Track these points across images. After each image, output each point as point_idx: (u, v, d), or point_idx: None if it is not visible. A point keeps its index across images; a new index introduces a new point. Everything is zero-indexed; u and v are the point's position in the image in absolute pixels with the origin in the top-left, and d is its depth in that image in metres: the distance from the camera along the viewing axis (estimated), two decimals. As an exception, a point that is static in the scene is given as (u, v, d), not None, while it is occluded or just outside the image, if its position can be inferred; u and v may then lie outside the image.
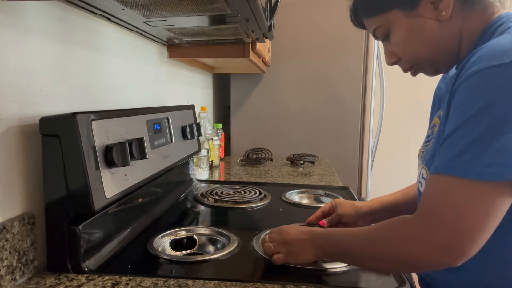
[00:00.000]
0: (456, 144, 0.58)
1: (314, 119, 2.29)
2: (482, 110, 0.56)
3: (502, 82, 0.55)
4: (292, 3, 2.23)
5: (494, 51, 0.58)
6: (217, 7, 0.83)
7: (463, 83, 0.60)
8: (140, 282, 0.71)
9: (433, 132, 0.77)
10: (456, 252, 0.57)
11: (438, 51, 0.72)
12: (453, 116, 0.60)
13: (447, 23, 0.69)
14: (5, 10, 0.68)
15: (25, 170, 0.74)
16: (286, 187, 1.47)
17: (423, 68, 0.77)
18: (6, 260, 0.66)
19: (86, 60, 0.95)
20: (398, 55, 0.77)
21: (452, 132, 0.59)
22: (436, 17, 0.69)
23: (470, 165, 0.56)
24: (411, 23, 0.71)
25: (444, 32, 0.70)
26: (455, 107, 0.61)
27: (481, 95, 0.57)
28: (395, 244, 0.63)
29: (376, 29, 0.76)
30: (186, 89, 1.81)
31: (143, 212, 1.00)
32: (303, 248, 0.76)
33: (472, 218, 0.56)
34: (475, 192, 0.56)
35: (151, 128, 1.02)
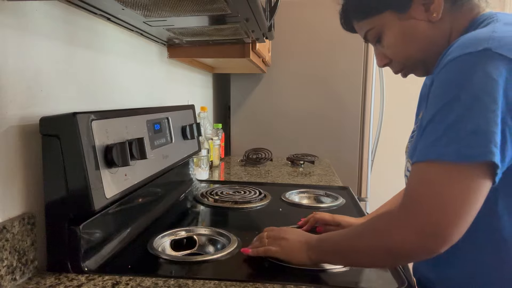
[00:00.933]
0: (433, 131, 0.58)
1: (314, 119, 2.29)
2: (456, 96, 0.56)
3: (473, 68, 0.56)
4: (292, 3, 2.23)
5: (469, 40, 0.59)
6: (217, 7, 0.83)
7: (438, 73, 0.61)
8: (140, 282, 0.71)
9: (416, 127, 0.78)
10: (438, 237, 0.56)
11: (429, 51, 0.73)
12: (430, 105, 0.61)
13: (438, 24, 0.70)
14: (5, 10, 0.68)
15: (25, 170, 0.74)
16: (286, 187, 1.47)
17: (414, 69, 0.78)
18: (6, 260, 0.66)
19: (86, 60, 0.95)
20: (390, 57, 0.77)
21: (430, 121, 0.60)
22: (427, 18, 0.70)
23: (447, 148, 0.56)
24: (404, 25, 0.72)
25: (435, 33, 0.71)
26: (431, 96, 0.61)
27: (453, 82, 0.57)
28: (379, 234, 0.63)
29: (368, 32, 0.77)
30: (186, 89, 1.81)
31: (143, 212, 1.00)
32: (297, 248, 0.76)
33: (453, 201, 0.55)
34: (453, 175, 0.56)
35: (151, 128, 1.02)
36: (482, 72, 0.55)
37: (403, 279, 0.74)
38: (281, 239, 0.79)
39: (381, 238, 0.62)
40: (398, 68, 0.79)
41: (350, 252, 0.68)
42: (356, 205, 1.26)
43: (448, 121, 0.56)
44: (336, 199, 1.29)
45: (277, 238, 0.80)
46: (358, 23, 0.79)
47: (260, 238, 0.84)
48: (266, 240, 0.81)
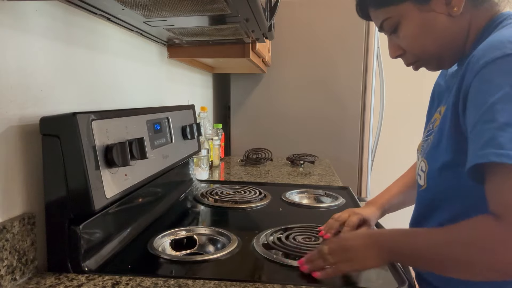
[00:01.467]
0: (486, 133, 0.55)
1: (314, 119, 2.29)
2: (507, 93, 0.55)
3: (506, 73, 0.56)
4: (292, 3, 2.23)
5: (501, 42, 0.59)
6: (217, 7, 0.83)
7: (476, 75, 0.59)
8: (140, 282, 0.71)
9: (433, 127, 0.76)
10: None
11: (446, 46, 0.72)
12: (471, 110, 0.59)
13: (458, 19, 0.69)
14: (5, 10, 0.68)
15: (25, 170, 0.74)
16: (286, 187, 1.47)
17: (428, 63, 0.76)
18: (6, 260, 0.66)
19: (86, 60, 0.95)
20: (405, 49, 0.76)
21: (476, 122, 0.57)
22: (448, 12, 0.69)
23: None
24: (423, 17, 0.70)
25: (454, 28, 0.70)
26: (473, 98, 0.60)
27: (497, 84, 0.56)
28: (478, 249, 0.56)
29: (384, 21, 0.75)
30: (186, 89, 1.81)
31: (143, 212, 1.00)
32: (368, 256, 0.68)
33: None
34: None
35: (151, 128, 1.02)
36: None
37: (403, 279, 0.74)
38: (346, 251, 0.70)
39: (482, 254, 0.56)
40: (411, 61, 0.77)
41: (435, 261, 0.61)
42: (356, 205, 1.26)
43: (507, 119, 0.54)
44: (336, 199, 1.29)
45: (341, 251, 0.70)
46: (375, 11, 0.76)
47: (321, 255, 0.72)
48: (329, 256, 0.71)
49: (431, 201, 0.74)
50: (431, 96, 0.86)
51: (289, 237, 0.90)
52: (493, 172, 0.55)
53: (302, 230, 0.96)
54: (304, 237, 0.91)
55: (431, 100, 0.86)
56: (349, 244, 0.71)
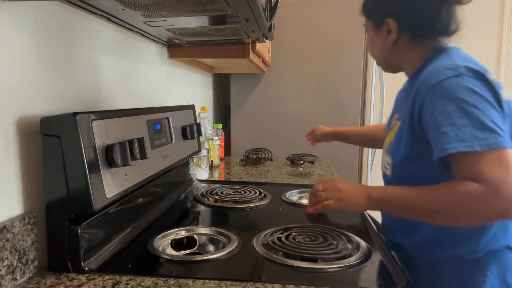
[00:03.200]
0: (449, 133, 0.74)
1: (314, 119, 2.29)
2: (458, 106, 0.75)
3: (457, 88, 0.76)
4: (292, 3, 2.23)
5: (442, 69, 0.80)
6: (217, 7, 0.83)
7: (429, 93, 0.79)
8: (140, 281, 0.71)
9: (392, 127, 0.99)
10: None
11: (382, 61, 1.03)
12: (431, 120, 0.78)
13: (393, 47, 0.96)
14: (5, 10, 0.69)
15: (26, 170, 0.74)
16: (286, 187, 1.47)
17: (378, 64, 1.06)
18: (6, 260, 0.67)
19: (86, 60, 0.95)
20: None
21: (438, 127, 0.76)
22: (384, 41, 0.96)
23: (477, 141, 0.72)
24: (374, 36, 1.00)
25: (389, 51, 0.97)
26: (430, 110, 0.79)
27: (448, 98, 0.76)
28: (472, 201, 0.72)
29: (364, 25, 1.04)
30: (186, 89, 1.81)
31: (143, 212, 1.00)
32: (356, 196, 0.86)
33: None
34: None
35: (151, 128, 1.03)
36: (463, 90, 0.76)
37: (403, 279, 0.74)
38: (338, 191, 0.88)
39: (474, 205, 0.72)
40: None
41: (421, 212, 0.79)
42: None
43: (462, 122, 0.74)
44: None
45: (333, 191, 0.89)
46: (361, 15, 1.04)
47: (315, 193, 0.91)
48: (322, 193, 0.89)
49: None
50: (396, 100, 1.09)
51: (289, 237, 0.91)
52: (459, 158, 0.73)
53: (302, 230, 0.96)
54: (304, 237, 0.91)
55: (396, 104, 1.08)
56: (342, 186, 0.89)
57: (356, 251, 0.84)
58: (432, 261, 0.87)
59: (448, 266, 0.85)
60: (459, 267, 0.84)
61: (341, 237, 0.90)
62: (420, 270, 0.87)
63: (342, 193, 0.88)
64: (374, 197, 0.84)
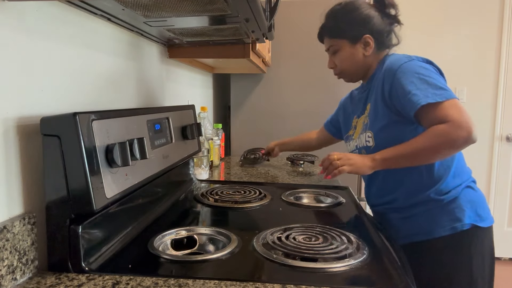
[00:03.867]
0: (418, 93, 1.03)
1: (314, 119, 2.29)
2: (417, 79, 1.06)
3: (415, 67, 1.08)
4: (292, 3, 2.23)
5: (398, 59, 1.13)
6: (217, 7, 0.83)
7: (395, 74, 1.09)
8: (140, 281, 0.71)
9: (356, 126, 1.29)
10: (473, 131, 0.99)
11: (357, 69, 1.26)
12: (401, 92, 1.07)
13: (367, 57, 1.23)
14: (5, 10, 0.69)
15: (26, 170, 0.74)
16: (286, 187, 1.47)
17: (345, 77, 1.31)
18: (6, 259, 0.67)
19: (86, 60, 0.95)
20: (336, 65, 1.28)
21: (408, 92, 1.05)
22: (363, 52, 1.23)
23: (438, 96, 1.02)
24: (350, 51, 1.23)
25: (364, 61, 1.24)
26: (398, 89, 1.08)
27: (410, 74, 1.07)
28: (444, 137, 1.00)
29: (330, 47, 1.27)
30: (186, 89, 1.81)
31: (143, 211, 1.00)
32: (363, 161, 1.11)
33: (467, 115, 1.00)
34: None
35: (152, 128, 1.03)
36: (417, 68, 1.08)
37: (402, 279, 0.74)
38: (349, 159, 1.13)
39: (443, 141, 1.01)
40: (337, 73, 1.32)
41: (414, 156, 1.05)
42: (356, 205, 1.26)
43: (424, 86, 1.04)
44: (336, 199, 1.30)
45: (345, 158, 1.13)
46: (328, 39, 1.27)
47: (330, 161, 1.15)
48: (337, 162, 1.13)
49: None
50: (342, 109, 1.48)
51: (289, 237, 0.91)
52: (428, 109, 1.02)
53: (302, 230, 0.96)
54: (304, 237, 0.91)
55: (343, 111, 1.47)
56: (351, 155, 1.15)
57: (356, 251, 0.84)
58: (418, 208, 1.14)
59: (433, 209, 1.12)
60: (440, 208, 1.11)
61: (341, 237, 0.90)
62: (409, 219, 1.15)
63: (353, 160, 1.12)
64: (378, 158, 1.10)
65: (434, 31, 3.10)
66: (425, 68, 1.07)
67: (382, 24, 1.22)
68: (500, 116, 3.12)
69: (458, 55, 3.10)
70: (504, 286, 2.81)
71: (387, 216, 1.22)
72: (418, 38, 3.08)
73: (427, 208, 1.13)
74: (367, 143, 1.19)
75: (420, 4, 3.09)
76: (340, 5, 1.26)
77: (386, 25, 1.23)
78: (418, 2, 3.09)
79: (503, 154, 3.16)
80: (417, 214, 1.14)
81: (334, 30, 1.24)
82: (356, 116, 1.32)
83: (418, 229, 1.14)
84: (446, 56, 3.09)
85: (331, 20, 1.26)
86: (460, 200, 1.12)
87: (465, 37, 3.08)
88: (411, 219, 1.15)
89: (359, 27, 1.21)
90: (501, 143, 3.15)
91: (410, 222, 1.15)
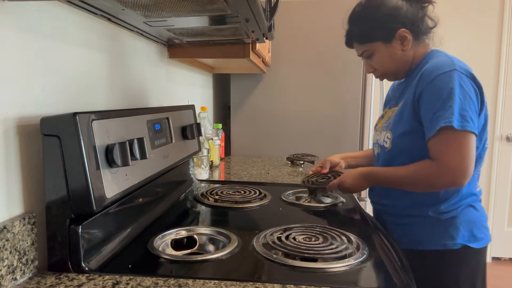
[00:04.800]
0: (441, 115, 0.97)
1: (314, 119, 2.30)
2: (449, 95, 0.98)
3: (453, 80, 0.99)
4: (292, 3, 2.23)
5: (440, 65, 1.03)
6: (217, 7, 0.83)
7: (428, 84, 1.02)
8: (140, 281, 0.71)
9: (384, 116, 1.23)
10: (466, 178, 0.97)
11: (399, 68, 1.16)
12: (428, 105, 1.01)
13: (407, 51, 1.13)
14: (5, 10, 0.69)
15: (26, 170, 0.74)
16: (286, 187, 1.47)
17: (388, 76, 1.20)
18: (6, 259, 0.67)
19: (86, 60, 0.95)
20: (376, 68, 1.18)
21: (435, 112, 0.99)
22: (401, 48, 1.12)
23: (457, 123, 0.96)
24: (388, 51, 1.13)
25: (404, 57, 1.14)
26: (427, 100, 1.01)
27: (444, 88, 0.99)
28: (426, 179, 1.02)
29: (364, 52, 1.16)
30: (186, 89, 1.81)
31: (143, 212, 1.00)
32: (357, 181, 1.16)
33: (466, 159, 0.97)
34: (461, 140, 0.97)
35: (152, 128, 1.03)
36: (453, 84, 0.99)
37: (402, 279, 0.74)
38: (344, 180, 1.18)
39: (424, 179, 1.02)
40: (379, 75, 1.21)
41: (397, 184, 1.09)
42: (356, 205, 1.26)
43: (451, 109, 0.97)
44: (336, 199, 1.30)
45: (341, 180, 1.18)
46: (358, 45, 1.17)
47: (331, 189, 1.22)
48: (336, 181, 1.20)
49: (392, 156, 1.12)
50: (391, 92, 1.31)
51: (289, 237, 0.91)
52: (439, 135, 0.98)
53: (302, 230, 0.96)
54: (304, 237, 0.91)
55: (385, 103, 1.32)
56: (345, 177, 1.19)
57: (356, 251, 0.84)
58: (414, 219, 1.11)
59: (428, 223, 1.09)
60: (436, 224, 1.08)
61: (341, 237, 0.91)
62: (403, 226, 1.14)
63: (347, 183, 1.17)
64: (371, 180, 1.15)
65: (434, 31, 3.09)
66: (461, 87, 0.98)
67: (413, 11, 1.10)
68: (500, 116, 3.12)
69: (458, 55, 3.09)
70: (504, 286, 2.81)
71: (383, 216, 1.21)
72: (418, 38, 3.07)
73: (423, 221, 1.09)
74: (384, 143, 1.15)
75: (420, 4, 3.08)
76: (361, 5, 1.15)
77: (417, 11, 1.10)
78: (418, 2, 3.09)
79: (503, 154, 3.16)
80: (412, 224, 1.11)
81: (364, 35, 1.13)
82: (388, 107, 1.26)
83: (409, 237, 1.10)
84: (446, 56, 3.09)
85: (357, 24, 1.15)
86: (458, 219, 1.07)
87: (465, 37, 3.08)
88: (404, 226, 1.12)
89: (389, 23, 1.09)
90: (501, 143, 3.15)
91: (403, 229, 1.12)
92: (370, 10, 1.12)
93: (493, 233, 3.22)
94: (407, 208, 1.12)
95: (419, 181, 1.03)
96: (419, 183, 1.04)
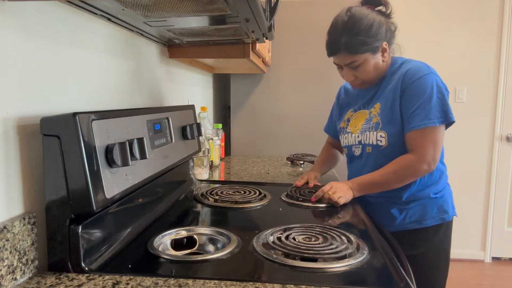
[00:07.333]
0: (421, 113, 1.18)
1: (314, 119, 2.29)
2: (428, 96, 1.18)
3: (431, 82, 1.20)
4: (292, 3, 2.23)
5: (420, 69, 1.22)
6: (217, 7, 0.83)
7: (410, 85, 1.21)
8: (140, 281, 0.71)
9: (353, 119, 1.38)
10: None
11: (378, 75, 1.30)
12: (410, 101, 1.20)
13: (385, 62, 1.29)
14: (5, 10, 0.69)
15: (26, 170, 0.74)
16: (286, 187, 1.47)
17: (366, 84, 1.32)
18: (6, 259, 0.67)
19: (86, 60, 0.95)
20: (358, 77, 1.29)
21: (416, 108, 1.19)
22: (382, 59, 1.27)
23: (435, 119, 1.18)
24: (373, 61, 1.25)
25: (383, 66, 1.29)
26: (410, 97, 1.20)
27: (424, 89, 1.19)
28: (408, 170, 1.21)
29: (352, 62, 1.25)
30: (186, 89, 1.81)
31: (143, 212, 1.00)
32: (347, 191, 1.24)
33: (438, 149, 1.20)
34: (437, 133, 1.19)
35: (152, 128, 1.03)
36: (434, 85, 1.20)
37: (402, 279, 0.74)
38: (338, 191, 1.23)
39: (407, 172, 1.21)
40: (359, 83, 1.32)
41: (384, 184, 1.24)
42: (356, 205, 1.26)
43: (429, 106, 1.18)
44: (336, 199, 1.30)
45: (335, 191, 1.23)
46: (347, 55, 1.25)
47: (323, 192, 1.25)
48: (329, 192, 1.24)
49: (387, 154, 1.25)
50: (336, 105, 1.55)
51: (289, 237, 0.91)
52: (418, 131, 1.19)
53: (302, 230, 0.96)
54: (304, 237, 0.91)
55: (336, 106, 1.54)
56: (337, 187, 1.25)
57: (356, 251, 0.84)
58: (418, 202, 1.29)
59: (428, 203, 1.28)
60: (434, 202, 1.28)
61: (341, 237, 0.90)
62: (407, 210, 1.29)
63: (339, 192, 1.24)
64: (356, 187, 1.26)
65: (434, 31, 3.09)
66: (438, 86, 1.19)
67: (387, 25, 1.25)
68: (500, 116, 3.12)
69: (458, 55, 3.10)
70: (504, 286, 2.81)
71: (385, 206, 1.32)
72: (418, 38, 3.08)
73: (422, 202, 1.28)
74: (379, 142, 1.27)
75: (420, 4, 3.09)
76: (348, 16, 1.23)
77: (389, 25, 1.26)
78: (419, 2, 3.09)
79: (503, 154, 3.16)
80: (413, 207, 1.29)
81: (356, 46, 1.21)
82: (352, 110, 1.39)
83: (411, 219, 1.29)
84: (446, 56, 3.10)
85: (348, 35, 1.21)
86: (446, 196, 1.32)
87: (465, 37, 3.08)
88: (406, 210, 1.29)
89: (378, 36, 1.22)
90: (501, 143, 3.15)
91: (405, 213, 1.29)
92: (360, 23, 1.21)
93: (493, 233, 3.23)
94: (411, 195, 1.28)
95: (405, 173, 1.21)
96: (405, 175, 1.21)
